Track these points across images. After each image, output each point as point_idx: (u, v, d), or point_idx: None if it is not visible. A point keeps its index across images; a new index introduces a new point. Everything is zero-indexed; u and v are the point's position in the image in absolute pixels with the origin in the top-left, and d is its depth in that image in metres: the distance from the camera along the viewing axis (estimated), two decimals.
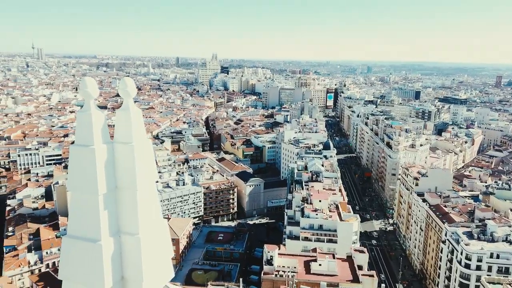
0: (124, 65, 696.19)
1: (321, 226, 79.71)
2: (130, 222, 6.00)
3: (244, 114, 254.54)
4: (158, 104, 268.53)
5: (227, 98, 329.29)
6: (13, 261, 78.15)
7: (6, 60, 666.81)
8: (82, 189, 5.76)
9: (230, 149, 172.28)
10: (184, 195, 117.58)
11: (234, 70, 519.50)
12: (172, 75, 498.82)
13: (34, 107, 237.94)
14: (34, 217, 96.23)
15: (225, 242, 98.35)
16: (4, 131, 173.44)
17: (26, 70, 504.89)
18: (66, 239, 5.79)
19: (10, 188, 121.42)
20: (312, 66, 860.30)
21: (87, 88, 5.73)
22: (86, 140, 5.73)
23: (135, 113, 6.01)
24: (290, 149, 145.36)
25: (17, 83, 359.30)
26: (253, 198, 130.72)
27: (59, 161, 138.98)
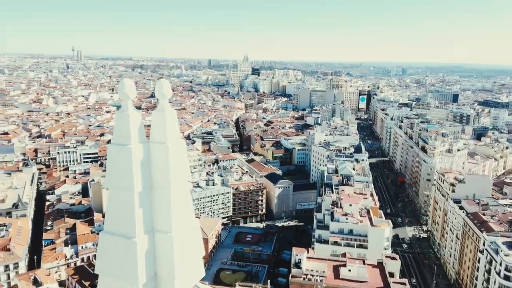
0: (158, 67, 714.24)
1: (351, 230, 78.26)
2: (163, 220, 6.12)
3: (274, 115, 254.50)
4: (190, 105, 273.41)
5: (258, 99, 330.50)
6: (51, 254, 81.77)
7: (48, 61, 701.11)
8: (119, 186, 5.94)
9: (259, 151, 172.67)
10: (213, 195, 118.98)
11: (265, 71, 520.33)
12: (204, 77, 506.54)
13: (73, 107, 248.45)
14: (71, 213, 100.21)
15: (253, 243, 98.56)
16: (45, 129, 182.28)
17: (66, 71, 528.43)
18: (102, 235, 5.99)
19: (49, 184, 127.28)
20: (345, 68, 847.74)
21: (126, 89, 5.91)
22: (123, 139, 5.91)
23: (170, 114, 6.14)
24: (320, 151, 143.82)
25: (57, 84, 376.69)
26: (282, 200, 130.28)
27: (95, 159, 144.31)
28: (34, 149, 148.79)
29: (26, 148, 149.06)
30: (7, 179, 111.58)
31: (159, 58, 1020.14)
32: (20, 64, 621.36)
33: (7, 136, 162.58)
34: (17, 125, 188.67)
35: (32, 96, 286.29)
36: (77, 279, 72.67)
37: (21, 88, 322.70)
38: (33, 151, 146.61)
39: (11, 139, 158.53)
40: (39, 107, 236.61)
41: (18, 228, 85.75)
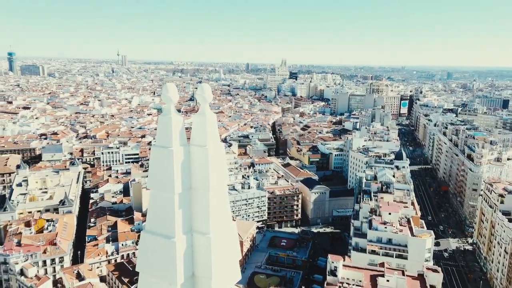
0: (198, 71, 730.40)
1: (390, 240, 75.78)
2: (202, 222, 6.23)
3: (311, 120, 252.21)
4: (227, 108, 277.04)
5: (295, 103, 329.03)
6: (93, 250, 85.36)
7: (95, 66, 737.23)
8: (160, 187, 6.12)
9: (295, 155, 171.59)
10: (249, 199, 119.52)
11: (302, 75, 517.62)
12: (242, 81, 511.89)
13: (117, 109, 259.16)
14: (113, 211, 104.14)
15: (288, 248, 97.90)
16: (91, 130, 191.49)
17: (111, 75, 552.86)
18: (144, 234, 6.19)
19: (93, 182, 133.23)
20: (386, 72, 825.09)
21: (169, 93, 6.09)
22: (165, 141, 6.09)
23: (210, 118, 6.27)
24: (359, 157, 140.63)
25: (103, 87, 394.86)
26: (318, 206, 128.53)
27: (136, 159, 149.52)
28: (80, 149, 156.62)
29: (73, 148, 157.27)
30: (55, 177, 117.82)
31: (198, 63, 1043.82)
32: (70, 68, 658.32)
33: (56, 136, 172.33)
34: (65, 126, 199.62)
35: (79, 98, 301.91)
36: (117, 275, 75.40)
37: (70, 91, 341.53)
38: (79, 151, 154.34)
39: (60, 139, 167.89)
40: (85, 109, 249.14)
41: (64, 224, 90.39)
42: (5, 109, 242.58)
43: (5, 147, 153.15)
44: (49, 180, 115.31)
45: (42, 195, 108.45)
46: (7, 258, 75.51)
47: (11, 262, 74.53)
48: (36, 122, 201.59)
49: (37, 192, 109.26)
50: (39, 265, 77.22)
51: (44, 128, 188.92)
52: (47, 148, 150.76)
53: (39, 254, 77.99)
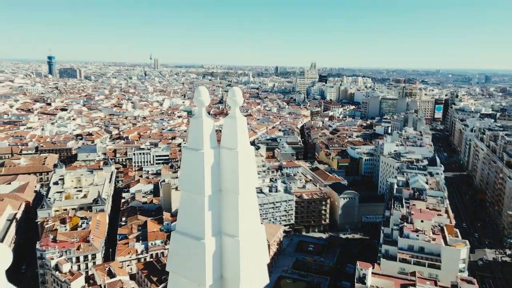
0: (227, 74, 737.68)
1: (422, 248, 73.37)
2: (231, 224, 6.27)
3: (341, 124, 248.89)
4: (256, 111, 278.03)
5: (324, 107, 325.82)
6: (124, 248, 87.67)
7: (128, 69, 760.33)
8: (191, 189, 6.20)
9: (324, 159, 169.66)
10: (276, 202, 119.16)
11: (332, 79, 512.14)
12: (271, 84, 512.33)
13: (148, 112, 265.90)
14: (143, 210, 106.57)
15: (315, 254, 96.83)
16: (124, 132, 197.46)
17: (144, 78, 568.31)
18: (174, 234, 6.29)
19: (125, 182, 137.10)
20: (419, 75, 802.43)
21: (201, 96, 6.18)
22: (196, 144, 6.17)
23: (240, 121, 6.31)
24: (390, 162, 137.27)
25: (136, 90, 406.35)
26: (347, 212, 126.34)
27: (166, 161, 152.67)
28: (113, 149, 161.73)
29: (106, 148, 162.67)
30: (90, 176, 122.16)
31: (228, 66, 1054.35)
32: (105, 71, 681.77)
33: (91, 137, 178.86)
34: (100, 127, 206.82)
35: (113, 101, 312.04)
36: (146, 273, 77.09)
37: (105, 93, 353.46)
38: (112, 152, 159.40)
39: (95, 140, 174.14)
40: (119, 111, 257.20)
41: (97, 222, 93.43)
42: (44, 110, 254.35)
43: (44, 146, 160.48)
44: (83, 179, 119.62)
45: (77, 194, 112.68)
46: (43, 253, 78.89)
47: (47, 257, 77.78)
48: (73, 123, 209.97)
49: (72, 191, 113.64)
50: (73, 261, 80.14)
51: (80, 129, 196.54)
52: (82, 148, 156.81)
53: (73, 251, 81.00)
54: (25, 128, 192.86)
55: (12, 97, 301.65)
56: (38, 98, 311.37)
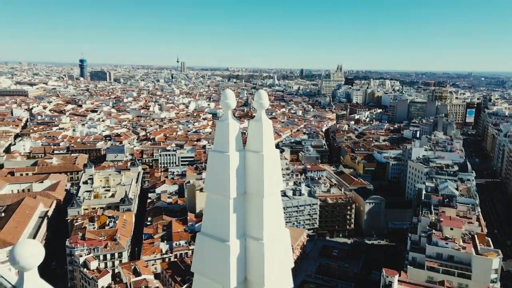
0: (252, 77, 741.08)
1: (451, 257, 70.97)
2: (255, 227, 6.26)
3: (367, 127, 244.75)
4: (280, 114, 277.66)
5: (350, 110, 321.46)
6: (149, 248, 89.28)
7: (156, 72, 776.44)
8: (216, 191, 6.25)
9: (349, 163, 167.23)
10: (300, 206, 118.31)
11: (359, 81, 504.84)
12: (296, 87, 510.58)
13: (175, 114, 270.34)
14: (168, 211, 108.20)
15: (339, 259, 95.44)
16: (150, 133, 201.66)
17: (170, 81, 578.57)
18: (199, 235, 6.34)
19: (151, 183, 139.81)
20: (450, 78, 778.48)
21: (227, 99, 6.22)
22: (222, 146, 6.22)
23: (266, 124, 6.31)
24: (418, 168, 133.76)
25: (163, 92, 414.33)
26: (372, 217, 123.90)
27: (191, 162, 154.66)
28: (140, 150, 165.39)
29: (134, 149, 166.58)
30: (117, 176, 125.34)
31: (253, 69, 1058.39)
32: (133, 74, 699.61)
33: (119, 138, 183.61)
34: (128, 128, 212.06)
35: (141, 103, 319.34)
36: (170, 273, 78.20)
37: (133, 95, 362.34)
38: (139, 153, 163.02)
39: (123, 140, 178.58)
40: (146, 113, 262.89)
41: (123, 221, 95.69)
42: (75, 111, 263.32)
43: (75, 147, 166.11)
44: (111, 179, 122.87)
45: (105, 193, 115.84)
46: (73, 250, 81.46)
47: (76, 254, 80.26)
48: (102, 124, 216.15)
49: (100, 190, 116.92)
50: (100, 258, 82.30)
51: (109, 130, 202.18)
52: (111, 149, 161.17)
53: (100, 248, 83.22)
54: (57, 128, 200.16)
55: (46, 98, 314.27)
56: (70, 100, 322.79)
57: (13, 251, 5.47)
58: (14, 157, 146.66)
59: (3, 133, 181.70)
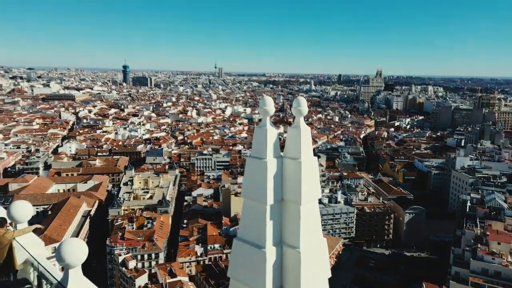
0: (289, 82, 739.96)
1: (498, 273, 66.86)
2: (292, 235, 6.19)
3: (407, 135, 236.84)
4: (316, 120, 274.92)
5: (390, 117, 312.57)
6: (185, 250, 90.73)
7: (194, 78, 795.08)
8: (253, 197, 6.24)
9: (388, 171, 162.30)
10: (336, 214, 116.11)
11: (399, 87, 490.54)
12: (333, 92, 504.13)
13: (211, 118, 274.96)
14: (204, 214, 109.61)
15: (376, 270, 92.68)
16: (188, 137, 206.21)
17: (208, 87, 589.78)
18: (236, 241, 6.35)
19: (187, 186, 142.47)
20: (498, 84, 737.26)
21: (266, 106, 6.22)
22: (260, 153, 6.21)
23: (305, 131, 6.24)
24: (463, 178, 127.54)
25: (201, 97, 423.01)
26: (412, 228, 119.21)
27: (227, 167, 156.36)
28: (178, 154, 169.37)
29: (172, 153, 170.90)
30: (156, 179, 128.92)
31: (289, 74, 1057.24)
32: (173, 79, 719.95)
33: (158, 142, 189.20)
34: (166, 132, 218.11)
35: (180, 107, 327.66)
36: (204, 276, 79.14)
37: (172, 100, 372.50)
38: (177, 156, 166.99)
39: (161, 144, 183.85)
40: (184, 118, 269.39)
41: (160, 223, 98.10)
42: (118, 115, 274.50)
43: (117, 149, 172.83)
44: (150, 181, 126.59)
45: (144, 195, 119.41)
46: (112, 249, 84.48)
47: (115, 253, 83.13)
48: (143, 128, 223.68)
49: (140, 192, 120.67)
50: (138, 258, 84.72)
51: (149, 134, 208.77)
52: (150, 152, 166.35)
53: (138, 249, 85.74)
54: (101, 131, 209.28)
55: (91, 103, 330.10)
56: (113, 104, 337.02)
57: (60, 249, 5.74)
58: (61, 158, 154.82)
59: (51, 135, 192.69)
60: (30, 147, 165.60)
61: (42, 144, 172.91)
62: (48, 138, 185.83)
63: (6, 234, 7.18)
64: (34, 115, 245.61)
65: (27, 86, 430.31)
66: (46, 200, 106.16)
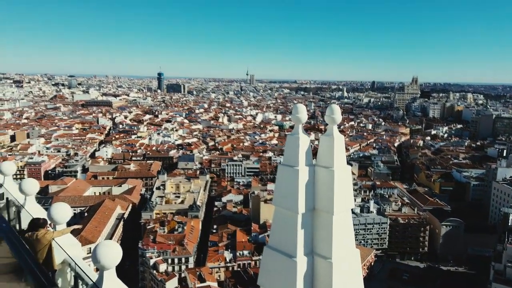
0: (320, 89, 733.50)
1: None
2: (324, 245, 6.08)
3: (445, 144, 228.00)
4: (348, 127, 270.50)
5: (426, 125, 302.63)
6: (214, 255, 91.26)
7: (226, 85, 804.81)
8: (285, 205, 6.20)
9: (424, 181, 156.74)
10: (368, 224, 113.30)
11: (436, 94, 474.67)
12: (366, 99, 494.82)
13: (242, 125, 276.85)
14: (233, 220, 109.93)
15: (410, 283, 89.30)
16: (219, 143, 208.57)
17: (239, 93, 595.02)
18: (267, 249, 6.32)
19: (218, 192, 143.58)
20: None
21: (298, 113, 6.19)
22: (292, 161, 6.17)
23: (338, 140, 6.16)
24: (505, 190, 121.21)
25: (232, 104, 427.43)
26: (449, 241, 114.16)
27: (257, 173, 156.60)
28: (209, 160, 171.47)
29: (203, 158, 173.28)
30: (187, 184, 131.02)
31: (321, 81, 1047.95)
32: (205, 86, 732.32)
33: (190, 147, 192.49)
34: (198, 138, 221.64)
35: (211, 114, 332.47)
36: (233, 282, 79.22)
37: (204, 107, 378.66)
38: (208, 162, 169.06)
39: (193, 150, 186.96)
40: (216, 124, 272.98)
41: (191, 227, 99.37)
42: (152, 121, 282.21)
43: (150, 154, 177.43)
44: (182, 186, 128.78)
45: (175, 199, 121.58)
46: (144, 252, 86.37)
47: (147, 256, 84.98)
48: (175, 134, 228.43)
49: (171, 196, 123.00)
50: (168, 262, 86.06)
51: (181, 140, 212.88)
52: (182, 157, 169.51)
53: (169, 252, 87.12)
54: (136, 137, 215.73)
55: (127, 109, 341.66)
56: (148, 110, 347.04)
57: (96, 251, 5.91)
58: (98, 162, 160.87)
59: (89, 140, 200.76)
60: (69, 151, 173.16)
61: (81, 148, 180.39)
62: (86, 143, 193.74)
63: (46, 234, 7.48)
64: (74, 120, 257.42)
65: (68, 93, 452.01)
66: (83, 202, 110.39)
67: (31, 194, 9.79)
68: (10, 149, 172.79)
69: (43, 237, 7.41)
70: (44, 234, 7.47)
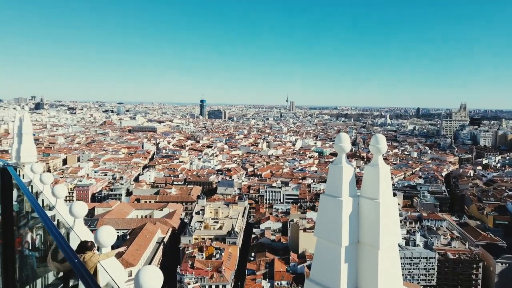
0: (362, 115, 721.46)
1: None
2: (369, 282, 5.81)
3: (498, 174, 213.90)
4: (392, 155, 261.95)
5: (476, 154, 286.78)
6: (251, 284, 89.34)
7: (266, 111, 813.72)
8: (327, 237, 6.02)
9: (476, 214, 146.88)
10: (414, 258, 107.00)
11: (487, 122, 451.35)
12: (411, 126, 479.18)
13: (281, 151, 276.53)
14: (271, 248, 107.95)
15: None
16: (258, 169, 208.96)
17: (279, 119, 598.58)
18: (308, 282, 6.12)
19: (256, 218, 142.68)
20: None
21: (342, 143, 6.09)
22: (335, 191, 6.03)
23: (383, 170, 5.98)
24: None
25: (271, 130, 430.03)
26: (506, 279, 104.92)
27: (296, 200, 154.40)
28: (248, 185, 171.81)
29: (242, 184, 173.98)
30: (226, 209, 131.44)
31: (363, 107, 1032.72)
32: (245, 113, 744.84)
33: (229, 173, 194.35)
34: (237, 164, 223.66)
35: (251, 140, 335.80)
36: None
37: (244, 133, 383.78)
38: (246, 187, 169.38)
39: (232, 175, 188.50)
40: (255, 150, 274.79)
41: (229, 254, 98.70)
42: (194, 146, 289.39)
43: (191, 179, 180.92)
44: (220, 212, 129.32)
45: (214, 225, 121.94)
46: (182, 277, 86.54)
47: (185, 281, 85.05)
48: (215, 159, 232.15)
49: (210, 221, 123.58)
50: None
51: (221, 165, 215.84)
52: (221, 182, 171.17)
53: (206, 279, 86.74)
54: (177, 161, 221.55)
55: (170, 134, 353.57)
56: (190, 136, 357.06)
57: (139, 275, 5.99)
58: (141, 185, 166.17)
59: (134, 164, 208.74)
60: (115, 174, 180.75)
61: (126, 172, 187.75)
62: (131, 167, 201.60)
63: (93, 257, 7.72)
64: (121, 145, 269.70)
65: (116, 119, 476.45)
66: (126, 225, 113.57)
67: (80, 217, 10.21)
68: (62, 172, 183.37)
69: (90, 260, 7.64)
70: (91, 257, 7.71)
